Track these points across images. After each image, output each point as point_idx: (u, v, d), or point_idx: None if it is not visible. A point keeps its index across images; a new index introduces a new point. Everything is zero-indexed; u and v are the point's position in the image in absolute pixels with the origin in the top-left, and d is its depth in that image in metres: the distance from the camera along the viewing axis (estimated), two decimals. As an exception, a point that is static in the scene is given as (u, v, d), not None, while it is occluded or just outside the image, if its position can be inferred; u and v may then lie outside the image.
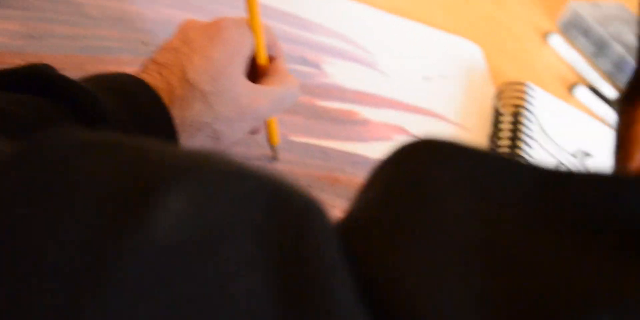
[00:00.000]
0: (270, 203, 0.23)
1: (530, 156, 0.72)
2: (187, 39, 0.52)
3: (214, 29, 0.52)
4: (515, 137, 0.74)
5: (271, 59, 0.57)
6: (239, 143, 0.61)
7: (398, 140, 0.73)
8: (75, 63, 0.63)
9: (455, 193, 0.25)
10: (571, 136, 0.80)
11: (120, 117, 0.45)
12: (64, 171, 0.23)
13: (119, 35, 0.68)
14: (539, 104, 0.80)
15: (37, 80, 0.44)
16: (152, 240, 0.21)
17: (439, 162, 0.27)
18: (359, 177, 0.66)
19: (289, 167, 0.64)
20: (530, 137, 0.74)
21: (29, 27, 0.63)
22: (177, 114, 0.49)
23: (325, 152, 0.67)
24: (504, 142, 0.74)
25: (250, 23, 0.54)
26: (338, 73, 0.79)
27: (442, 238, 0.24)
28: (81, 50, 0.65)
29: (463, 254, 0.23)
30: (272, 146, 0.63)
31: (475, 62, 0.93)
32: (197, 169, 0.24)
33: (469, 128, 0.81)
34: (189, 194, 0.23)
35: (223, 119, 0.51)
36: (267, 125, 0.61)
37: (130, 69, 0.65)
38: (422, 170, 0.27)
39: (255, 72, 0.56)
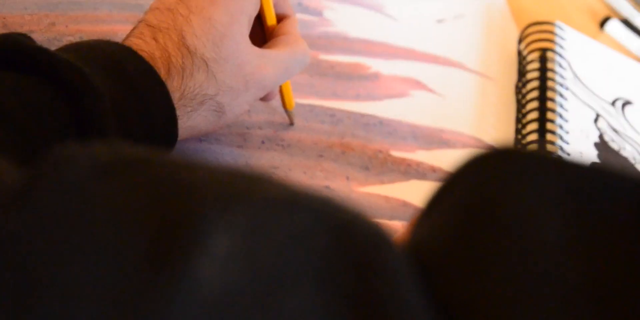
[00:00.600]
0: (332, 237, 0.21)
1: (563, 108, 0.65)
2: None
3: None
4: (544, 86, 0.67)
5: (280, 18, 0.52)
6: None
7: (414, 96, 0.67)
8: (45, 23, 0.57)
9: (543, 216, 0.22)
10: (607, 82, 0.74)
11: (112, 95, 0.40)
12: (83, 204, 0.20)
13: (92, -12, 0.61)
14: (569, 47, 0.73)
15: (11, 54, 0.39)
16: (197, 296, 0.18)
17: (520, 178, 0.24)
18: (373, 141, 0.61)
19: (295, 135, 0.58)
20: (563, 86, 0.67)
21: (-13, -17, 0.56)
22: (177, 87, 0.44)
23: (333, 114, 0.62)
24: (533, 94, 0.67)
25: None
26: (341, 20, 0.72)
27: (533, 269, 0.21)
28: (49, 7, 0.58)
29: (561, 291, 0.20)
30: (287, 111, 0.59)
31: (493, -2, 0.85)
32: (241, 197, 0.21)
33: (492, 77, 0.74)
34: (236, 232, 0.20)
35: (227, 90, 0.46)
36: (281, 89, 0.56)
37: (107, 27, 0.59)
38: (501, 187, 0.24)
39: (260, 34, 0.52)
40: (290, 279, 0.19)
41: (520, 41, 0.76)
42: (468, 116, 0.68)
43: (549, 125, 0.64)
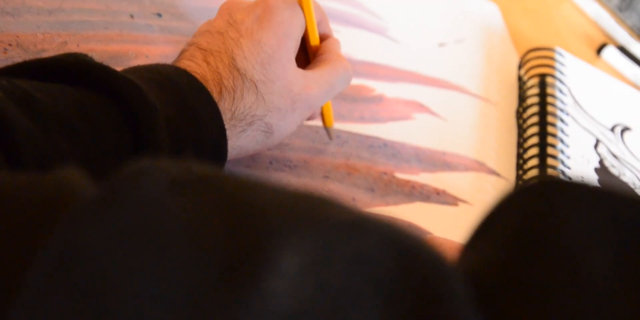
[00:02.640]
0: (397, 260, 0.22)
1: (564, 133, 0.68)
2: (233, 20, 0.49)
3: (262, 8, 0.50)
4: (545, 111, 0.70)
5: (321, 38, 0.54)
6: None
7: (418, 119, 0.70)
8: (57, 42, 0.59)
9: (594, 247, 0.23)
10: (606, 108, 0.77)
11: (166, 112, 0.42)
12: (159, 219, 0.21)
13: (102, 8, 0.64)
14: (569, 72, 0.76)
15: (74, 70, 0.41)
16: (269, 312, 0.19)
17: (570, 208, 0.25)
18: (378, 163, 0.63)
19: (302, 156, 0.60)
20: (564, 111, 0.71)
21: (2, 1, 0.58)
22: (228, 108, 0.46)
23: (338, 136, 0.64)
24: (533, 120, 0.70)
25: (301, 1, 0.51)
26: (346, 42, 0.74)
27: (585, 301, 0.22)
28: (62, 26, 0.60)
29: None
30: (327, 128, 0.61)
31: (493, 22, 0.89)
32: (310, 219, 0.22)
33: (493, 101, 0.77)
34: (305, 252, 0.21)
35: (275, 111, 0.48)
36: (322, 108, 0.59)
37: (118, 46, 0.61)
38: (553, 217, 0.25)
39: (303, 54, 0.54)
40: (357, 298, 0.20)
41: (520, 66, 0.79)
42: (470, 139, 0.71)
43: (550, 150, 0.66)
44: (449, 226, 0.61)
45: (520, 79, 0.78)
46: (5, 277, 0.21)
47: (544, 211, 0.25)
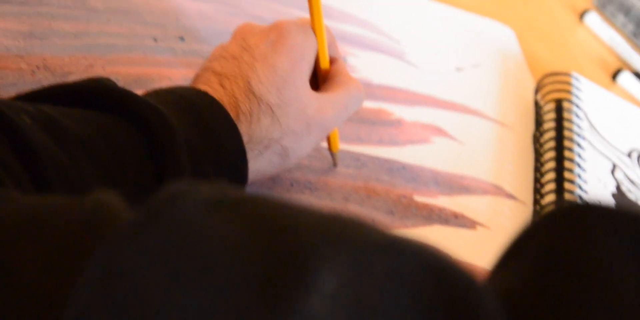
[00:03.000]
0: (433, 280, 0.22)
1: (581, 158, 0.69)
2: (248, 45, 0.50)
3: (276, 33, 0.50)
4: (562, 136, 0.71)
5: (331, 61, 0.55)
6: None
7: (436, 143, 0.71)
8: (83, 65, 0.60)
9: (631, 267, 0.24)
10: (623, 133, 0.77)
11: (187, 135, 0.43)
12: (198, 240, 0.22)
13: (127, 31, 0.65)
14: (585, 97, 0.77)
15: (99, 96, 0.42)
16: None
17: (606, 230, 0.26)
18: (397, 186, 0.64)
19: (322, 178, 0.61)
20: (580, 136, 0.71)
21: (30, 24, 0.60)
22: (245, 131, 0.47)
23: (357, 159, 0.65)
24: (550, 144, 0.71)
25: (314, 25, 0.52)
26: (364, 66, 0.76)
27: None
28: (87, 49, 0.62)
29: None
30: (332, 153, 0.62)
31: (509, 47, 0.90)
32: (346, 241, 0.23)
33: (510, 126, 0.78)
34: (342, 272, 0.21)
35: (291, 134, 0.49)
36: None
37: (141, 69, 0.63)
38: (587, 238, 0.26)
39: (315, 77, 0.55)
40: (395, 316, 0.21)
41: (537, 91, 0.80)
42: (487, 163, 0.72)
43: (567, 175, 0.67)
44: (467, 249, 0.62)
45: (536, 103, 0.79)
46: (50, 296, 0.22)
47: (576, 233, 0.26)
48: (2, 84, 0.54)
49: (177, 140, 0.41)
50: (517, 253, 0.28)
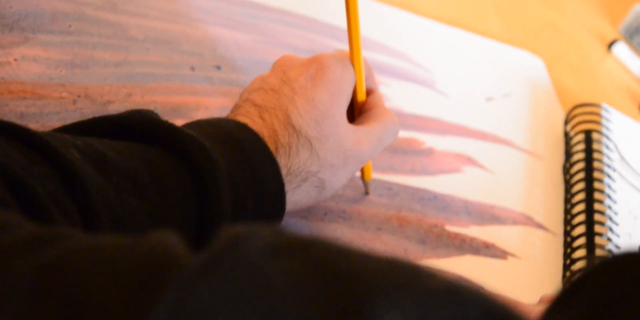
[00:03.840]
0: None
1: (611, 189, 0.70)
2: (288, 78, 0.51)
3: (316, 67, 0.51)
4: (591, 167, 0.72)
5: (368, 92, 0.56)
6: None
7: (466, 172, 0.71)
8: (122, 94, 0.62)
9: None
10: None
11: (228, 168, 0.43)
12: (261, 283, 0.22)
13: (165, 60, 0.66)
14: (615, 128, 0.78)
15: (143, 129, 0.43)
16: None
17: None
18: (429, 216, 0.65)
19: (355, 207, 0.62)
20: (610, 167, 0.72)
21: (72, 54, 0.61)
22: (284, 164, 0.47)
23: (390, 188, 0.66)
24: (580, 175, 0.72)
25: (353, 58, 0.52)
26: (396, 95, 0.77)
27: None
28: (127, 78, 0.63)
29: None
30: (365, 182, 0.63)
31: (539, 77, 0.91)
32: (406, 286, 0.23)
33: (540, 156, 0.79)
34: (404, 317, 0.22)
35: (328, 167, 0.49)
36: None
37: (179, 98, 0.64)
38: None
39: (352, 108, 0.55)
40: None
41: (566, 122, 0.81)
42: (517, 193, 0.73)
43: (597, 206, 0.67)
44: (498, 280, 0.62)
45: (566, 134, 0.80)
46: None
47: (633, 282, 0.27)
48: (45, 113, 0.55)
49: (220, 174, 0.42)
50: (572, 299, 0.28)
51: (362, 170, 0.61)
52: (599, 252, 0.63)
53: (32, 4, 0.62)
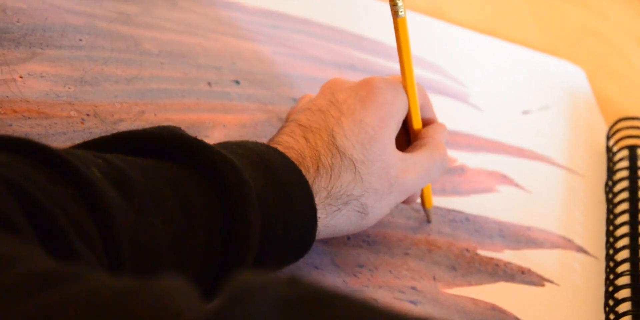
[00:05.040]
0: None
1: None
2: (336, 100, 0.50)
3: (366, 89, 0.50)
4: (636, 186, 0.68)
5: (425, 122, 0.55)
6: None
7: (501, 191, 0.68)
8: (134, 111, 0.59)
9: None
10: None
11: (260, 192, 0.43)
12: None
13: (181, 75, 0.64)
14: (661, 144, 0.74)
15: (171, 146, 0.43)
16: None
17: None
18: (459, 239, 0.62)
19: (381, 231, 0.59)
20: (656, 187, 0.68)
21: (82, 69, 0.59)
22: (324, 186, 0.47)
23: (418, 210, 0.63)
24: (623, 195, 0.68)
25: (406, 84, 0.52)
26: (427, 109, 0.73)
27: None
28: (139, 95, 0.61)
29: None
30: (426, 209, 0.61)
31: (579, 88, 0.87)
32: None
33: (580, 173, 0.75)
34: None
35: (372, 192, 0.49)
36: (422, 189, 0.58)
37: (195, 115, 0.61)
38: None
39: (403, 137, 0.55)
40: None
41: (609, 137, 0.77)
42: (556, 214, 0.69)
43: (642, 229, 0.64)
44: (534, 309, 0.59)
45: (609, 149, 0.76)
46: None
47: None
48: (51, 133, 0.53)
49: (251, 197, 0.41)
50: None
51: (422, 197, 0.60)
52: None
53: (40, 18, 0.59)
